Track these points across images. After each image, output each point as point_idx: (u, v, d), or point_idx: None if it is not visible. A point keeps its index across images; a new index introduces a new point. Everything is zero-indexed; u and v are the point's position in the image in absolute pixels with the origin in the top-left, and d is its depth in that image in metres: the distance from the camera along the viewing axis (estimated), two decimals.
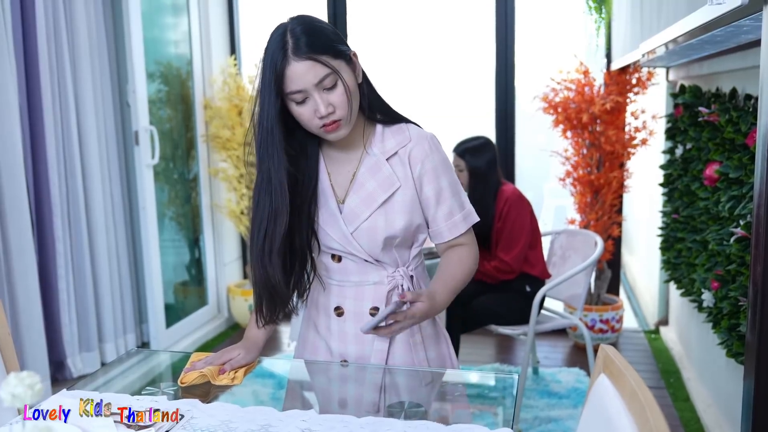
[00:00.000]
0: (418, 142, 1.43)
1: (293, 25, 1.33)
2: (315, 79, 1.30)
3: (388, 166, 1.43)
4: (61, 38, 3.25)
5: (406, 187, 1.43)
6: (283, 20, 1.37)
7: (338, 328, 1.52)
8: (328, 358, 1.56)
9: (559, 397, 3.18)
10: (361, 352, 1.52)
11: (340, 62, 1.33)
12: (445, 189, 1.45)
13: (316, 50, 1.30)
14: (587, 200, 3.75)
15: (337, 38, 1.36)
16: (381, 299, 1.48)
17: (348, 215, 1.44)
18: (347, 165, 1.46)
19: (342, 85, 1.33)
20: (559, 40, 4.15)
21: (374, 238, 1.43)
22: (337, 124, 1.35)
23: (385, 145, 1.44)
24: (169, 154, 4.04)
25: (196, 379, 1.45)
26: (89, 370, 3.44)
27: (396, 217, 1.43)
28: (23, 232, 3.00)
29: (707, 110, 2.57)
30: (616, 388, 0.98)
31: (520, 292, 3.00)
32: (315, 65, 1.30)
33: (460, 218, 1.47)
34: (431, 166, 1.43)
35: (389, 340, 1.50)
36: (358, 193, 1.44)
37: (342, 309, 1.51)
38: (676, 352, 3.60)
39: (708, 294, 2.47)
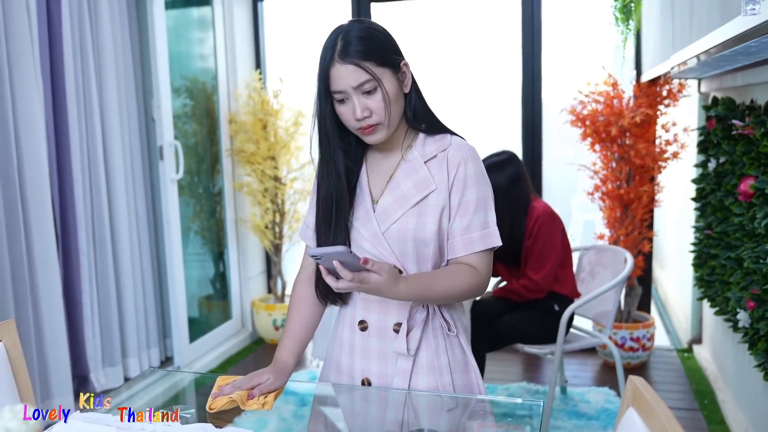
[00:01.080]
0: (458, 149, 1.43)
1: (349, 27, 1.38)
2: (354, 83, 1.34)
3: (425, 168, 1.43)
4: (87, 54, 3.28)
5: (441, 190, 1.42)
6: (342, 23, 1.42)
7: (361, 344, 1.50)
8: (351, 377, 1.53)
9: (588, 418, 3.08)
10: (383, 370, 1.48)
11: (385, 70, 1.37)
12: (469, 202, 1.41)
13: (360, 56, 1.34)
14: (617, 215, 3.67)
15: (389, 46, 1.40)
16: (404, 315, 1.45)
17: (380, 214, 1.44)
18: (386, 166, 1.48)
19: (381, 92, 1.36)
20: (586, 53, 4.09)
21: (404, 240, 1.42)
22: (372, 128, 1.38)
23: (426, 149, 1.45)
24: (194, 169, 4.04)
25: (226, 405, 1.41)
26: (113, 385, 3.44)
27: (428, 220, 1.41)
28: (48, 246, 3.01)
29: (741, 123, 2.49)
30: (646, 424, 0.92)
31: (548, 310, 2.92)
32: (357, 70, 1.34)
33: (478, 236, 1.42)
34: (462, 174, 1.42)
35: (413, 361, 1.45)
36: (393, 193, 1.44)
37: (366, 323, 1.49)
38: (710, 372, 3.49)
39: (743, 314, 2.38)
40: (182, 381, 1.79)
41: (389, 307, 1.46)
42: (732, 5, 1.64)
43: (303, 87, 4.28)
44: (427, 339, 1.46)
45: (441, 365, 1.46)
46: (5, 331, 1.39)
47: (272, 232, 4.27)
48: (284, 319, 4.22)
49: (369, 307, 1.48)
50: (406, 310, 1.45)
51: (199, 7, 4.20)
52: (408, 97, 1.44)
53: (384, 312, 1.46)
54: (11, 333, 1.39)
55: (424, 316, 1.45)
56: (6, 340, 1.39)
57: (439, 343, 1.46)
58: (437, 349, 1.46)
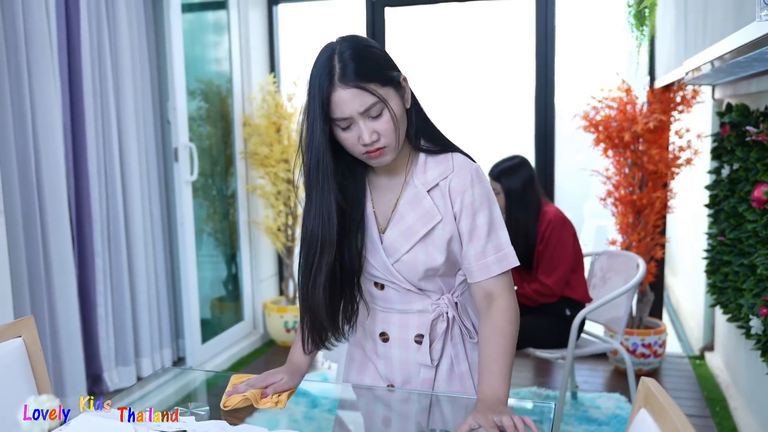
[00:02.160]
0: (460, 174, 1.37)
1: (342, 47, 1.28)
2: (361, 108, 1.26)
3: (429, 198, 1.37)
4: (105, 56, 3.32)
5: (446, 220, 1.37)
6: (331, 40, 1.33)
7: (384, 353, 1.50)
8: (375, 379, 1.53)
9: (598, 424, 3.08)
10: (407, 378, 1.49)
11: (389, 89, 1.29)
12: (480, 227, 1.37)
13: (363, 78, 1.26)
14: (629, 221, 3.66)
15: (387, 63, 1.32)
16: (426, 327, 1.44)
17: (388, 247, 1.40)
18: (389, 193, 1.42)
19: (388, 114, 1.29)
20: (599, 58, 4.09)
21: (415, 270, 1.39)
22: (380, 152, 1.31)
23: (427, 175, 1.38)
24: (208, 171, 4.08)
25: (240, 403, 1.42)
26: (126, 384, 3.47)
27: (436, 251, 1.38)
28: (64, 247, 3.05)
29: (755, 129, 2.48)
30: (658, 425, 0.93)
31: (559, 315, 2.93)
32: (362, 93, 1.26)
33: (494, 260, 1.37)
34: (470, 200, 1.36)
35: (435, 370, 1.46)
36: (398, 226, 1.39)
37: (387, 335, 1.48)
38: (722, 380, 3.47)
39: (756, 320, 2.37)
40: (194, 380, 1.81)
41: (409, 320, 1.45)
42: (746, 11, 1.64)
43: None
44: (448, 348, 1.46)
45: (462, 371, 1.47)
46: (24, 327, 1.42)
47: (285, 234, 4.30)
48: (296, 321, 4.25)
49: (389, 320, 1.47)
50: (427, 323, 1.44)
51: (214, 11, 4.24)
52: (409, 113, 1.37)
53: (405, 325, 1.45)
54: (30, 329, 1.42)
55: (444, 326, 1.45)
56: (25, 336, 1.42)
57: (458, 351, 1.46)
58: (458, 356, 1.46)
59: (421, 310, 1.44)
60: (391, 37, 4.18)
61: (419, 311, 1.44)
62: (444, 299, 1.44)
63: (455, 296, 1.45)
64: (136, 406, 1.39)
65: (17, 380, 1.38)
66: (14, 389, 1.37)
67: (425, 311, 1.44)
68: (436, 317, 1.43)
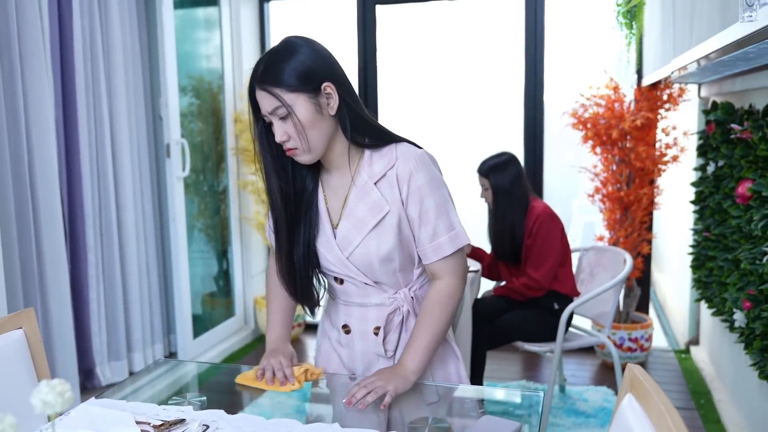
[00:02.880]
0: (403, 161, 1.42)
1: (274, 49, 1.37)
2: (269, 109, 1.35)
3: (376, 190, 1.43)
4: (97, 52, 3.33)
5: (395, 209, 1.43)
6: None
7: (347, 343, 1.57)
8: (339, 368, 1.61)
9: (586, 416, 3.13)
10: (367, 368, 1.56)
11: (298, 95, 1.34)
12: (429, 209, 1.42)
13: (270, 82, 1.33)
14: (616, 217, 3.72)
15: (308, 70, 1.35)
16: (383, 320, 1.51)
17: (341, 241, 1.47)
18: (340, 190, 1.48)
19: (293, 119, 1.34)
20: (588, 56, 4.13)
21: (369, 262, 1.45)
22: (292, 152, 1.38)
23: (373, 168, 1.44)
24: (199, 167, 4.09)
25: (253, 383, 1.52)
26: (117, 379, 3.48)
27: (388, 240, 1.43)
28: (57, 242, 3.06)
29: (740, 127, 2.54)
30: (644, 409, 0.97)
31: (547, 309, 2.97)
32: (269, 96, 1.34)
33: (446, 240, 1.43)
34: (416, 185, 1.41)
35: (393, 362, 1.53)
36: (349, 219, 1.46)
37: (349, 327, 1.56)
38: (707, 373, 3.53)
39: (740, 314, 2.42)
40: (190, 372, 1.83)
41: (369, 313, 1.52)
42: (731, 12, 1.68)
43: None
44: (404, 340, 1.52)
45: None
46: (25, 319, 1.44)
47: None
48: None
49: (350, 313, 1.54)
50: (383, 316, 1.50)
51: (206, 8, 4.25)
52: (340, 118, 1.41)
53: (364, 318, 1.53)
54: (31, 320, 1.44)
55: (400, 319, 1.51)
56: (26, 328, 1.44)
57: None
58: None
59: (379, 304, 1.51)
60: (382, 35, 4.21)
61: (377, 305, 1.51)
62: (401, 293, 1.50)
63: (412, 291, 1.51)
64: (129, 400, 1.42)
65: (18, 371, 1.41)
66: (15, 380, 1.39)
67: (383, 305, 1.51)
68: (392, 311, 1.50)
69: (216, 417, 1.33)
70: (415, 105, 4.19)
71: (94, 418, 1.32)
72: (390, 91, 4.25)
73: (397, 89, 4.10)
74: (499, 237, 3.03)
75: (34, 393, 0.76)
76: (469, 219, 3.68)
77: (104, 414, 1.33)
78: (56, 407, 0.75)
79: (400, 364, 1.44)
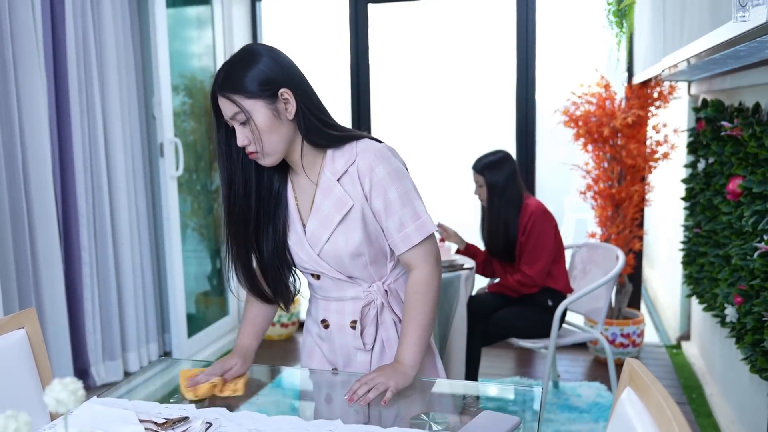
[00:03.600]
0: (363, 157, 1.45)
1: (233, 57, 1.41)
2: (229, 114, 1.38)
3: (339, 186, 1.46)
4: (90, 52, 3.32)
5: (359, 203, 1.46)
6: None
7: (327, 337, 1.61)
8: (322, 363, 1.65)
9: (579, 412, 3.16)
10: (347, 361, 1.61)
11: (256, 101, 1.37)
12: (393, 201, 1.45)
13: (229, 89, 1.37)
14: (608, 214, 3.75)
15: (264, 77, 1.38)
16: (358, 314, 1.54)
17: (311, 238, 1.50)
18: (308, 190, 1.52)
19: (251, 124, 1.38)
20: (579, 54, 4.16)
21: (339, 257, 1.49)
22: (253, 155, 1.42)
23: (336, 166, 1.47)
24: (192, 166, 4.09)
25: (208, 391, 1.47)
26: (112, 379, 3.48)
27: (355, 235, 1.46)
28: (51, 242, 3.06)
29: (730, 125, 2.57)
30: (643, 402, 0.99)
31: (541, 305, 3.00)
32: (229, 103, 1.38)
33: (413, 229, 1.46)
34: (377, 179, 1.44)
35: (371, 354, 1.58)
36: (317, 216, 1.49)
37: (327, 322, 1.59)
38: (698, 368, 3.57)
39: (731, 309, 2.46)
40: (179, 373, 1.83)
41: (345, 307, 1.56)
42: (722, 11, 1.71)
43: None
44: (380, 333, 1.57)
45: (393, 355, 1.56)
46: (27, 319, 1.45)
47: None
48: (280, 315, 4.28)
49: (328, 307, 1.58)
50: (359, 310, 1.54)
51: (198, 6, 4.25)
52: (299, 122, 1.43)
53: (341, 312, 1.56)
54: (32, 320, 1.45)
55: (375, 313, 1.55)
56: (27, 327, 1.44)
57: (390, 335, 1.57)
58: (389, 340, 1.57)
59: (354, 298, 1.55)
60: (374, 33, 4.22)
61: (352, 298, 1.55)
62: (374, 287, 1.54)
63: (386, 284, 1.55)
64: (129, 398, 1.43)
65: (20, 371, 1.41)
66: (18, 379, 1.40)
67: (358, 298, 1.55)
68: (366, 304, 1.54)
69: (218, 414, 1.35)
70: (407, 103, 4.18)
71: (97, 416, 1.32)
72: (382, 89, 4.26)
73: (389, 87, 4.11)
74: (493, 234, 3.06)
75: (46, 391, 0.77)
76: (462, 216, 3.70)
77: (107, 413, 1.34)
78: (69, 405, 0.76)
79: (397, 360, 1.47)
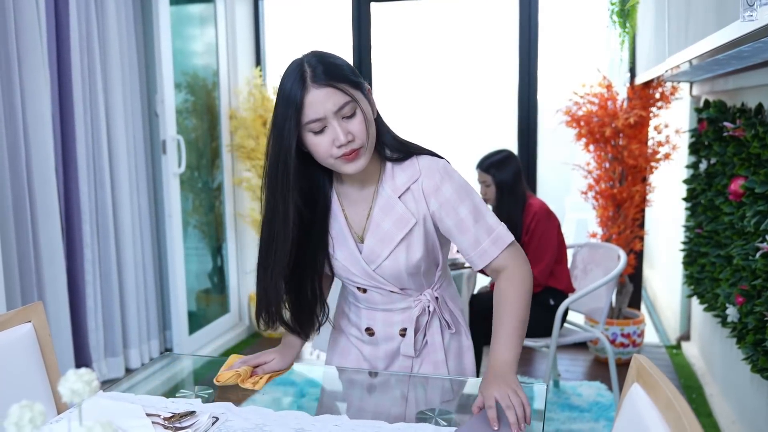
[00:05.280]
0: (428, 175, 1.40)
1: (309, 57, 1.33)
2: (334, 107, 1.29)
3: (401, 204, 1.41)
4: (94, 49, 3.32)
5: (422, 221, 1.42)
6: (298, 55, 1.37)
7: (369, 342, 1.57)
8: (359, 362, 1.60)
9: (580, 411, 3.17)
10: (389, 365, 1.57)
11: (358, 92, 1.33)
12: (465, 218, 1.41)
13: (335, 78, 1.29)
14: (609, 214, 3.76)
15: (353, 72, 1.36)
16: (409, 321, 1.51)
17: (368, 255, 1.45)
18: (362, 203, 1.46)
19: (361, 114, 1.32)
20: (582, 54, 4.17)
21: (398, 272, 1.45)
22: (356, 153, 1.33)
23: (396, 182, 1.42)
24: (193, 164, 4.09)
25: (230, 379, 1.48)
26: (114, 375, 3.49)
27: (416, 251, 1.43)
28: (54, 238, 3.06)
29: (732, 125, 2.57)
30: (651, 398, 0.99)
31: (543, 304, 3.01)
32: (335, 92, 1.29)
33: (489, 243, 1.42)
34: (445, 198, 1.40)
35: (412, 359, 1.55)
36: (376, 233, 1.43)
37: (373, 330, 1.55)
38: (698, 368, 3.58)
39: (732, 309, 2.46)
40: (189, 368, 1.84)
41: (394, 317, 1.52)
42: (728, 10, 1.71)
43: None
44: (430, 337, 1.54)
45: (437, 360, 1.55)
46: (34, 313, 1.45)
47: None
48: None
49: (374, 317, 1.54)
50: (410, 318, 1.51)
51: (201, 4, 4.25)
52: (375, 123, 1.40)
53: (389, 322, 1.53)
54: (39, 314, 1.45)
55: (426, 320, 1.52)
56: (35, 321, 1.45)
57: (435, 340, 1.54)
58: (434, 344, 1.54)
59: (405, 308, 1.52)
60: (377, 33, 4.23)
61: (402, 309, 1.52)
62: (426, 294, 1.51)
63: (436, 290, 1.52)
64: (135, 393, 1.44)
65: (27, 364, 1.42)
66: (25, 372, 1.40)
67: (408, 308, 1.51)
68: (420, 312, 1.51)
69: (225, 409, 1.35)
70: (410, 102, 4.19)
71: (103, 410, 1.33)
72: (384, 88, 4.26)
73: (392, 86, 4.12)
74: None
75: (61, 381, 0.78)
76: None
77: (114, 407, 1.35)
78: (84, 395, 0.77)
79: (496, 362, 1.37)
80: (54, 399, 1.46)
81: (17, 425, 0.71)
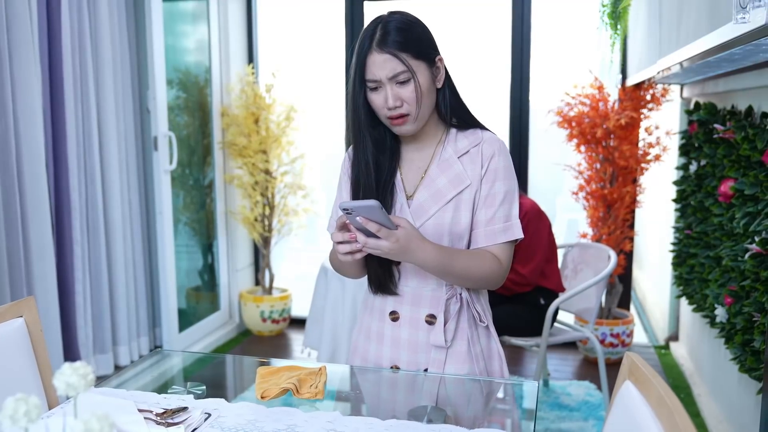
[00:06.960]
0: (489, 143, 1.46)
1: (389, 18, 1.40)
2: (390, 73, 1.37)
3: (459, 163, 1.46)
4: (85, 46, 3.31)
5: (474, 184, 1.45)
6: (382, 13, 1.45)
7: (391, 333, 1.53)
8: (379, 361, 1.56)
9: (569, 410, 3.19)
10: (413, 359, 1.51)
11: (420, 63, 1.39)
12: (497, 194, 1.44)
13: (397, 47, 1.36)
14: (600, 214, 3.78)
15: (426, 40, 1.42)
16: (439, 306, 1.48)
17: (416, 210, 1.46)
18: (418, 162, 1.50)
19: (414, 84, 1.38)
20: (573, 56, 4.19)
21: (440, 234, 1.45)
22: (403, 119, 1.40)
23: (458, 144, 1.47)
24: (185, 160, 4.08)
25: (279, 394, 1.36)
26: (103, 372, 3.47)
27: (462, 214, 1.44)
28: (44, 235, 3.04)
29: (722, 127, 2.60)
30: (643, 395, 1.00)
31: (533, 304, 3.02)
32: (393, 60, 1.36)
33: (501, 228, 1.44)
34: (493, 166, 1.45)
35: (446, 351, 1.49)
36: (428, 189, 1.46)
37: (398, 314, 1.51)
38: (686, 368, 3.61)
39: (721, 309, 2.48)
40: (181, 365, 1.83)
41: (422, 299, 1.49)
42: (720, 13, 1.73)
43: (295, 82, 4.33)
44: (463, 330, 1.49)
45: (476, 353, 1.51)
46: (25, 308, 1.44)
47: (261, 224, 4.32)
48: (271, 311, 4.28)
49: (402, 299, 1.51)
50: (440, 303, 1.47)
51: (193, 0, 4.24)
52: (441, 92, 1.46)
53: (417, 304, 1.49)
54: (31, 309, 1.44)
55: (458, 308, 1.48)
56: (26, 316, 1.44)
57: (471, 333, 1.50)
58: (472, 337, 1.50)
59: (435, 289, 1.48)
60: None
61: (433, 290, 1.48)
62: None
63: None
64: (127, 389, 1.43)
65: (19, 359, 1.41)
66: (16, 367, 1.40)
67: (439, 290, 1.48)
68: (450, 297, 1.48)
69: (217, 405, 1.35)
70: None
71: (94, 406, 1.32)
72: None
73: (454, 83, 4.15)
74: None
75: (56, 375, 0.77)
76: None
77: (105, 402, 1.34)
78: (80, 388, 0.77)
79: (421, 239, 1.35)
80: (45, 394, 1.45)
81: (12, 418, 0.71)
